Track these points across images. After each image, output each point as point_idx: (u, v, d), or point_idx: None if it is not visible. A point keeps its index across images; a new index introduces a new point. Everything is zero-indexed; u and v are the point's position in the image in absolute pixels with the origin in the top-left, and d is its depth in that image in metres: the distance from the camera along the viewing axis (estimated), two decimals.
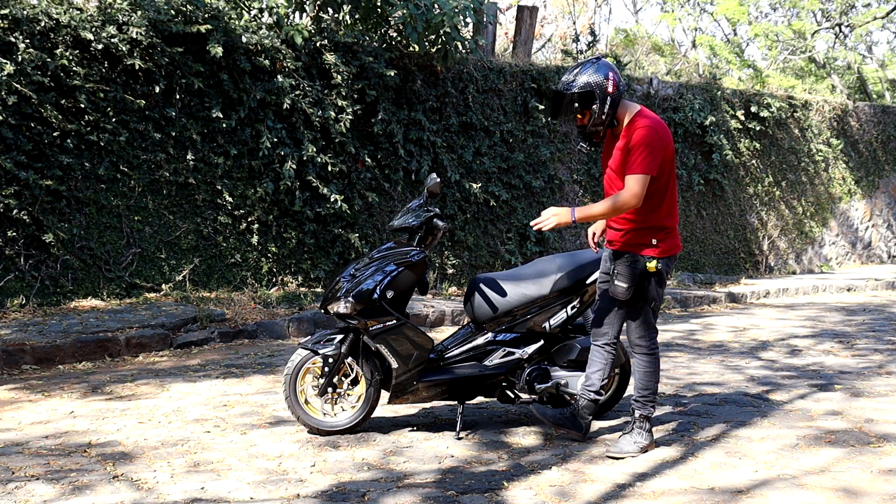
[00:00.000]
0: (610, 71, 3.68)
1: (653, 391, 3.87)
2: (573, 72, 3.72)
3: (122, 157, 7.10)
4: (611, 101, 3.65)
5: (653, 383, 3.86)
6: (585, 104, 3.67)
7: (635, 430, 3.86)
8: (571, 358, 4.16)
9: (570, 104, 3.71)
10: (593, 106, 3.65)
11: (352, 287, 3.92)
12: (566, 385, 4.13)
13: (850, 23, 20.44)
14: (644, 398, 3.87)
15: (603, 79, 3.64)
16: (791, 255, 12.86)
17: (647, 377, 3.87)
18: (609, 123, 3.72)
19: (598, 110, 3.66)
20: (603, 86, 3.63)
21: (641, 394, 3.87)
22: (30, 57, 6.48)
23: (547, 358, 4.21)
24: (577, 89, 3.66)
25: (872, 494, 3.29)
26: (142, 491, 3.29)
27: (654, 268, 3.70)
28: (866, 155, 13.95)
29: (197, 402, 4.72)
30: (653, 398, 3.89)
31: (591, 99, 3.65)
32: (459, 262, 9.04)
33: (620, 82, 3.70)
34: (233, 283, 7.69)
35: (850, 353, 6.38)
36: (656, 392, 3.90)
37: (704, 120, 11.08)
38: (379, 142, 8.39)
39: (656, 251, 3.72)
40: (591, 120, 3.69)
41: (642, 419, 3.86)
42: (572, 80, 3.69)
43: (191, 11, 7.18)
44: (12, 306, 6.55)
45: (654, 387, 3.88)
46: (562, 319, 4.14)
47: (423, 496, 3.24)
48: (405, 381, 3.98)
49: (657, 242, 3.72)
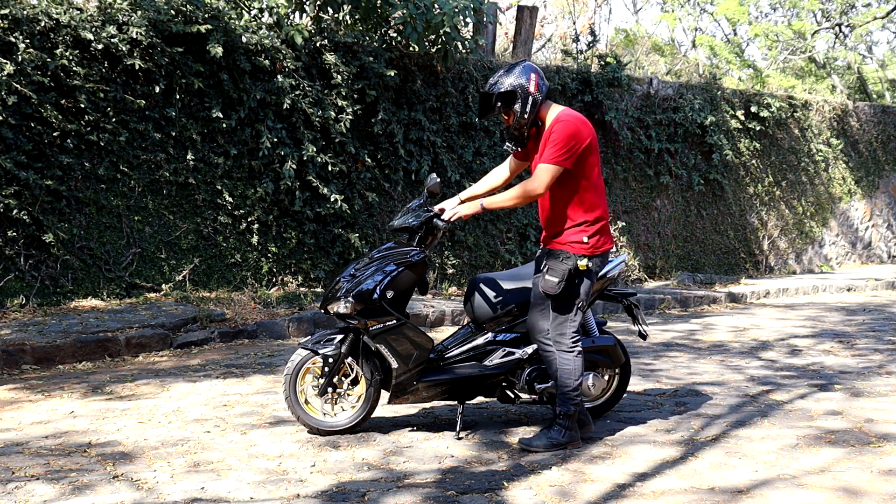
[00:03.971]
0: (532, 73, 3.82)
1: (573, 389, 3.85)
2: (498, 74, 3.88)
3: (122, 157, 7.10)
4: (532, 101, 3.79)
5: (572, 381, 3.84)
6: (508, 104, 3.81)
7: (554, 426, 3.87)
8: None
9: (495, 104, 3.85)
10: (515, 106, 3.80)
11: (352, 287, 3.92)
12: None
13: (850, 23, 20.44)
14: (565, 395, 3.86)
15: (525, 80, 3.80)
16: (791, 255, 12.86)
17: (566, 375, 3.84)
18: (532, 123, 3.86)
19: (521, 110, 3.80)
20: (525, 87, 3.79)
21: (562, 391, 3.87)
22: (30, 57, 6.48)
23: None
24: (500, 90, 3.81)
25: (872, 494, 3.29)
26: (142, 491, 3.29)
27: (584, 266, 3.80)
28: (866, 155, 13.95)
29: (197, 402, 4.72)
30: (574, 396, 3.86)
31: (514, 99, 3.79)
32: (459, 262, 9.04)
33: (543, 84, 3.85)
34: (233, 283, 7.69)
35: (851, 353, 6.38)
36: (578, 390, 3.86)
37: (704, 120, 11.08)
38: (379, 142, 8.39)
39: (586, 248, 3.81)
40: (515, 120, 3.84)
41: (563, 416, 3.86)
42: (496, 81, 3.85)
43: (191, 11, 7.18)
44: (12, 306, 6.55)
45: (575, 384, 3.85)
46: None
47: (423, 496, 3.24)
48: (405, 381, 3.98)
49: (587, 239, 3.81)
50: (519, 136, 3.91)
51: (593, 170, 3.83)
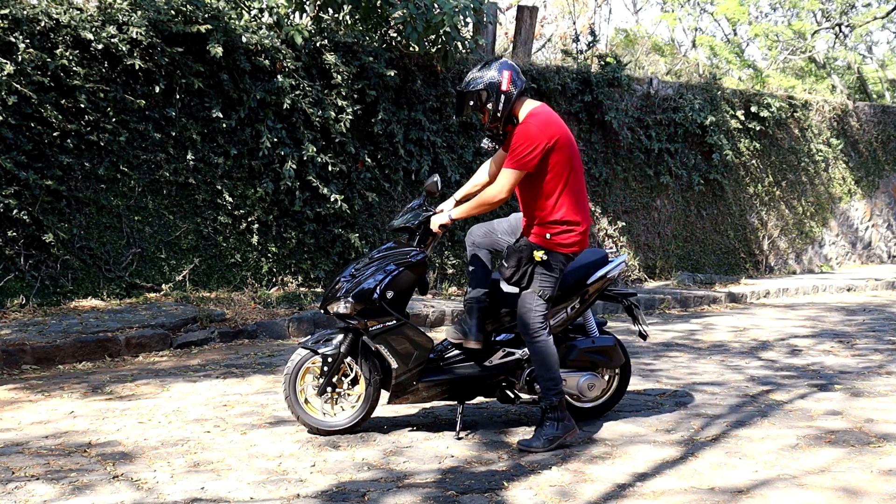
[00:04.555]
0: (506, 69, 3.83)
1: (550, 378, 3.87)
2: (473, 71, 3.89)
3: (122, 157, 7.10)
4: (505, 98, 3.80)
5: (545, 371, 3.87)
6: (482, 102, 3.83)
7: (545, 421, 3.88)
8: (571, 358, 4.15)
9: (469, 102, 3.86)
10: (489, 105, 3.82)
11: (352, 287, 3.92)
12: (564, 383, 4.12)
13: (850, 23, 20.44)
14: (545, 388, 3.88)
15: (498, 77, 3.80)
16: (791, 255, 12.86)
17: (538, 365, 3.88)
18: (507, 120, 3.87)
19: (493, 108, 3.81)
20: (496, 83, 3.79)
21: (539, 383, 3.91)
22: (30, 57, 6.48)
23: None
24: (472, 87, 3.83)
25: (872, 494, 3.29)
26: (142, 491, 3.29)
27: (539, 257, 3.83)
28: (866, 155, 13.95)
29: (197, 402, 4.72)
30: (553, 386, 3.87)
31: (487, 96, 3.81)
32: (459, 262, 9.04)
33: (517, 80, 3.84)
34: (233, 283, 7.70)
35: (851, 353, 6.38)
36: (555, 380, 3.88)
37: (704, 120, 11.08)
38: (379, 142, 8.39)
39: (546, 242, 3.85)
40: (490, 117, 3.85)
41: (550, 409, 3.87)
42: (470, 79, 3.86)
43: (191, 11, 7.18)
44: (12, 306, 6.55)
45: (551, 374, 3.87)
46: (562, 319, 4.14)
47: (423, 496, 3.24)
48: (405, 381, 3.98)
49: (550, 237, 3.84)
50: (495, 133, 3.94)
51: (569, 170, 3.81)
